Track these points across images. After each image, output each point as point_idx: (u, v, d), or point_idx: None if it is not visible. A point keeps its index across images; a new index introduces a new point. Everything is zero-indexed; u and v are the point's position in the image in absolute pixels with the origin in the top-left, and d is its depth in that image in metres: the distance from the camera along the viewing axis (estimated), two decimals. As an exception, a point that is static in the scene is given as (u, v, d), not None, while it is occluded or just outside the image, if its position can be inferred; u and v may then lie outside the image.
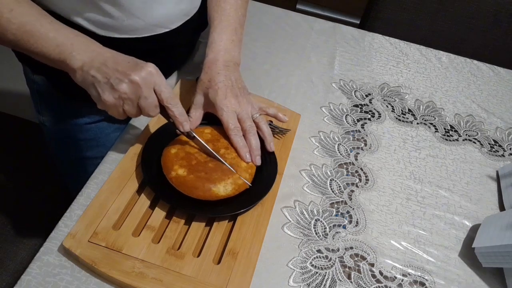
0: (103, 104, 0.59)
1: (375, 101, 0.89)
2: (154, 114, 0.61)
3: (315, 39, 1.02)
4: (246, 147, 0.66)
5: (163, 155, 0.64)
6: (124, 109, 0.59)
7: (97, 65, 0.58)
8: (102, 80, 0.57)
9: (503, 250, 0.60)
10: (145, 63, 0.59)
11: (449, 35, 1.24)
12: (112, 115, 0.61)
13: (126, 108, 0.59)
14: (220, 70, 0.69)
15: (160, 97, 0.60)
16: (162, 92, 0.59)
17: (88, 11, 0.66)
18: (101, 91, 0.58)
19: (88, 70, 0.58)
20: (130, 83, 0.57)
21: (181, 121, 0.62)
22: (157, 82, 0.59)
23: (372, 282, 0.61)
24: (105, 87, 0.57)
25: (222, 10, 0.75)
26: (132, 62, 0.59)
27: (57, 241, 0.58)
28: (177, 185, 0.61)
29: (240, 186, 0.63)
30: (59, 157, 0.91)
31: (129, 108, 0.59)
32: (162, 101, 0.60)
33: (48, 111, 0.84)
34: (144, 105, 0.59)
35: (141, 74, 0.57)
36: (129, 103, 0.59)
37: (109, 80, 0.57)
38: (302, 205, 0.68)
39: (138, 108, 0.60)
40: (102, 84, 0.57)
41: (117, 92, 0.57)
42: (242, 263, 0.57)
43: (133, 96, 0.58)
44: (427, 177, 0.76)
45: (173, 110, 0.61)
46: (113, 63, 0.58)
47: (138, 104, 0.59)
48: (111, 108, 0.59)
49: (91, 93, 0.59)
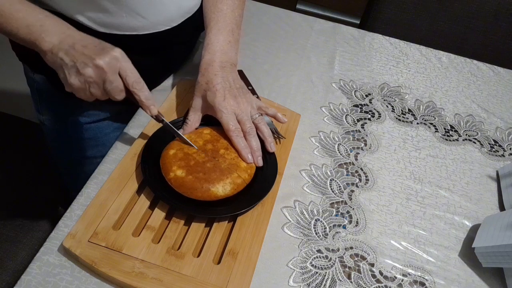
0: (70, 87, 0.60)
1: (375, 101, 0.89)
2: (120, 97, 0.62)
3: (315, 39, 1.02)
4: (247, 148, 0.66)
5: (162, 156, 0.64)
6: (91, 92, 0.60)
7: (66, 48, 0.58)
8: (69, 63, 0.58)
9: (503, 250, 0.60)
10: (112, 48, 0.60)
11: (449, 35, 1.25)
12: (80, 97, 0.62)
13: (93, 91, 0.60)
14: (217, 71, 0.69)
15: (126, 81, 0.61)
16: (127, 77, 0.60)
17: (88, 9, 0.66)
18: (68, 74, 0.59)
19: (56, 53, 0.58)
20: (94, 67, 0.58)
21: (148, 105, 0.63)
22: (122, 67, 0.60)
23: (372, 282, 0.61)
24: (71, 71, 0.58)
25: (219, 10, 0.75)
26: (99, 46, 0.60)
27: (57, 241, 0.58)
28: (176, 186, 0.61)
29: (238, 185, 0.63)
30: (58, 157, 0.91)
31: (95, 91, 0.60)
32: (128, 86, 0.61)
33: (48, 110, 0.84)
34: (110, 89, 0.60)
35: (105, 59, 0.58)
36: (95, 87, 0.60)
37: (75, 64, 0.58)
38: (302, 205, 0.68)
39: (104, 91, 0.61)
40: (69, 67, 0.58)
41: (82, 76, 0.58)
42: (242, 263, 0.57)
43: (98, 80, 0.59)
44: (427, 177, 0.76)
45: (139, 94, 0.62)
46: (81, 46, 0.59)
47: (104, 88, 0.60)
48: (78, 91, 0.60)
49: (59, 75, 0.60)
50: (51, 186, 0.94)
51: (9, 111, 1.08)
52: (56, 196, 0.91)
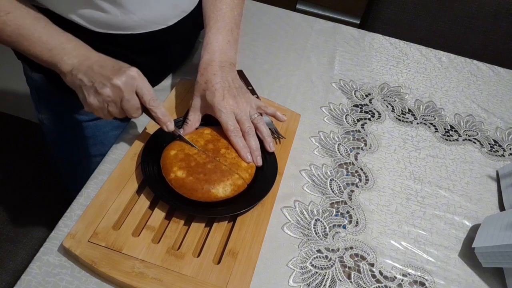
0: (89, 106, 0.62)
1: (375, 101, 0.89)
2: (137, 115, 0.64)
3: (315, 39, 1.02)
4: (246, 148, 0.66)
5: (162, 156, 0.64)
6: (109, 111, 0.62)
7: (84, 69, 0.60)
8: (87, 83, 0.60)
9: (503, 250, 0.60)
10: (129, 67, 0.61)
11: (449, 35, 1.25)
12: (98, 116, 0.63)
13: (111, 110, 0.62)
14: (216, 71, 0.69)
15: (142, 99, 0.62)
16: (144, 95, 0.62)
17: (83, 8, 0.66)
18: (87, 95, 0.61)
19: (76, 74, 0.61)
20: (112, 87, 0.59)
21: (165, 122, 0.64)
22: (139, 86, 0.61)
23: (372, 282, 0.61)
24: (90, 91, 0.60)
25: (218, 10, 0.75)
26: (117, 66, 0.61)
27: (57, 241, 0.58)
28: (176, 187, 0.61)
29: (239, 186, 0.63)
30: (58, 156, 0.91)
31: (113, 110, 0.62)
32: (145, 103, 0.63)
33: (47, 109, 0.84)
34: (127, 107, 0.62)
35: (122, 78, 0.60)
36: (113, 106, 0.61)
37: (94, 84, 0.60)
38: (302, 205, 0.68)
39: (121, 109, 0.62)
40: (88, 87, 0.60)
41: (101, 96, 0.60)
42: (242, 263, 0.57)
43: (116, 99, 0.61)
44: (427, 177, 0.76)
45: (155, 111, 0.64)
46: (98, 67, 0.60)
47: (121, 106, 0.62)
48: (97, 110, 0.62)
49: (79, 95, 0.62)
50: (51, 186, 0.94)
51: (9, 111, 1.08)
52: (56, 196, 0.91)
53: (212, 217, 0.61)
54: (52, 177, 0.96)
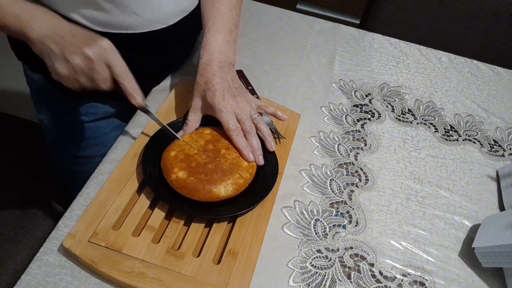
0: (57, 75, 0.61)
1: (375, 101, 0.89)
2: (106, 87, 0.63)
3: (315, 39, 1.02)
4: (248, 147, 0.65)
5: (162, 157, 0.64)
6: (77, 81, 0.61)
7: (54, 37, 0.59)
8: (57, 51, 0.59)
9: (503, 250, 0.60)
10: (101, 38, 0.60)
11: (449, 35, 1.24)
12: (66, 86, 0.62)
13: (79, 79, 0.61)
14: (216, 71, 0.69)
15: (113, 72, 0.62)
16: (114, 67, 0.61)
17: (84, 7, 0.66)
18: (55, 62, 0.60)
19: (45, 41, 0.59)
20: (82, 56, 0.59)
21: (133, 96, 0.64)
22: (109, 58, 0.61)
23: (372, 282, 0.61)
24: (59, 59, 0.59)
25: (217, 10, 0.75)
26: (88, 35, 0.61)
27: (57, 241, 0.58)
28: (177, 187, 0.61)
29: (240, 185, 0.63)
30: (58, 156, 0.91)
31: (82, 80, 0.61)
32: (115, 76, 0.62)
33: (47, 109, 0.84)
34: (96, 79, 0.61)
35: (93, 49, 0.59)
36: (82, 76, 0.61)
37: (63, 53, 0.59)
38: (302, 205, 0.68)
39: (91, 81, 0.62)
40: (57, 55, 0.59)
41: (70, 65, 0.59)
42: (242, 263, 0.57)
43: (86, 69, 0.60)
44: (427, 177, 0.76)
45: (125, 84, 0.63)
46: (69, 36, 0.60)
47: (91, 77, 0.61)
48: (65, 79, 0.61)
49: (47, 63, 0.61)
50: (51, 186, 0.94)
51: (9, 111, 1.08)
52: (56, 196, 0.91)
53: (212, 217, 0.61)
54: (52, 177, 0.96)
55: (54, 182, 0.95)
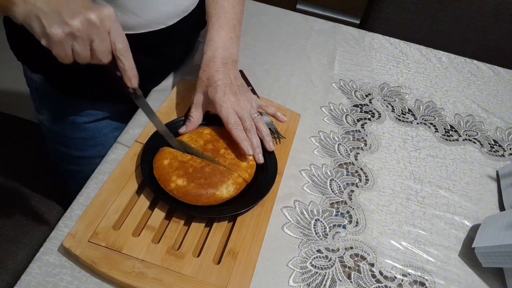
0: (48, 38, 0.51)
1: (375, 101, 0.89)
2: (106, 60, 0.55)
3: (315, 39, 1.02)
4: (247, 140, 0.65)
5: (155, 167, 0.63)
6: (73, 49, 0.52)
7: None
8: (49, 11, 0.50)
9: (503, 250, 0.60)
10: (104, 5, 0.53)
11: (449, 35, 1.24)
12: (57, 55, 0.53)
13: (77, 48, 0.52)
14: (219, 68, 0.69)
15: (114, 45, 0.54)
16: (116, 40, 0.54)
17: None
18: (47, 24, 0.50)
19: (32, 1, 0.50)
20: (85, 20, 0.51)
21: (130, 76, 0.57)
22: (113, 28, 0.53)
23: (372, 282, 0.61)
24: (53, 19, 0.50)
25: (220, 7, 0.75)
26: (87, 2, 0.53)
27: (57, 241, 0.58)
28: (179, 196, 0.60)
29: (240, 184, 0.63)
30: (58, 157, 0.91)
31: (80, 49, 0.52)
32: (115, 50, 0.55)
33: (46, 110, 0.84)
34: (98, 48, 0.53)
35: (97, 14, 0.51)
36: (81, 43, 0.52)
37: (60, 13, 0.50)
38: (302, 205, 0.68)
39: (89, 51, 0.53)
40: (50, 16, 0.50)
41: (68, 27, 0.50)
42: (242, 263, 0.57)
43: (86, 36, 0.52)
44: (427, 177, 0.76)
45: (124, 62, 0.56)
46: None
47: (91, 46, 0.53)
48: (57, 45, 0.51)
49: (33, 28, 0.51)
50: (51, 186, 0.94)
51: (9, 111, 1.08)
52: (56, 196, 0.91)
53: (212, 217, 0.61)
54: (52, 177, 0.96)
55: (54, 182, 0.95)
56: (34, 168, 0.97)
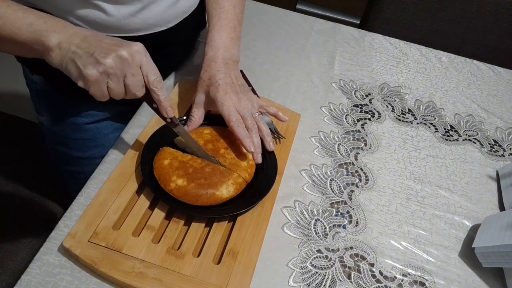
0: (85, 80, 0.54)
1: (375, 101, 0.89)
2: (140, 94, 0.58)
3: (315, 39, 1.02)
4: (249, 138, 0.65)
5: (155, 167, 0.63)
6: (108, 87, 0.55)
7: (77, 42, 0.54)
8: (84, 54, 0.53)
9: (503, 250, 0.60)
10: (133, 42, 0.56)
11: (449, 35, 1.24)
12: (93, 94, 0.56)
13: (111, 85, 0.55)
14: (220, 67, 0.70)
15: (147, 78, 0.57)
16: (149, 73, 0.57)
17: (83, 10, 0.66)
18: (82, 66, 0.53)
19: (67, 47, 0.54)
20: (117, 57, 0.54)
21: (165, 106, 0.60)
22: (144, 62, 0.56)
23: (372, 282, 0.61)
24: (88, 61, 0.53)
25: (221, 7, 0.75)
26: (117, 39, 0.56)
27: (57, 241, 0.58)
28: (179, 196, 0.60)
29: (240, 184, 0.63)
30: (58, 157, 0.91)
31: (114, 86, 0.55)
32: (148, 83, 0.57)
33: (46, 111, 0.84)
34: (131, 83, 0.56)
35: (129, 50, 0.54)
36: (115, 80, 0.55)
37: (93, 54, 0.53)
38: (302, 205, 0.68)
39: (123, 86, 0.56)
40: (85, 58, 0.53)
41: (102, 66, 0.53)
42: (242, 263, 0.57)
43: (120, 72, 0.54)
44: (427, 177, 0.76)
45: (158, 93, 0.58)
46: (95, 39, 0.55)
47: (124, 82, 0.56)
48: (93, 84, 0.54)
49: (70, 71, 0.55)
50: (51, 186, 0.94)
51: (9, 111, 1.08)
52: (56, 196, 0.91)
53: (212, 217, 0.61)
54: (52, 177, 0.96)
55: (54, 182, 0.95)
56: (34, 168, 0.97)
